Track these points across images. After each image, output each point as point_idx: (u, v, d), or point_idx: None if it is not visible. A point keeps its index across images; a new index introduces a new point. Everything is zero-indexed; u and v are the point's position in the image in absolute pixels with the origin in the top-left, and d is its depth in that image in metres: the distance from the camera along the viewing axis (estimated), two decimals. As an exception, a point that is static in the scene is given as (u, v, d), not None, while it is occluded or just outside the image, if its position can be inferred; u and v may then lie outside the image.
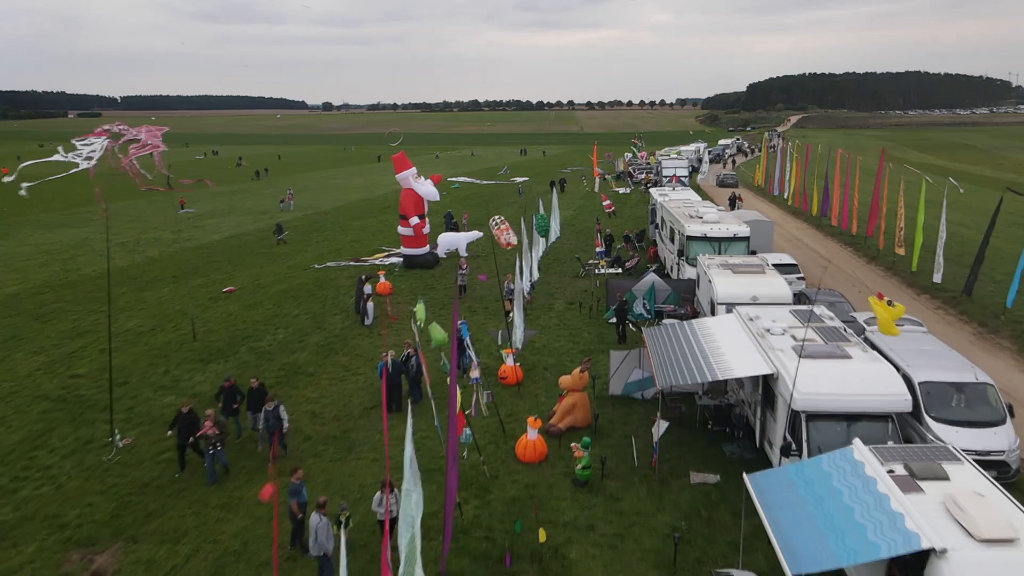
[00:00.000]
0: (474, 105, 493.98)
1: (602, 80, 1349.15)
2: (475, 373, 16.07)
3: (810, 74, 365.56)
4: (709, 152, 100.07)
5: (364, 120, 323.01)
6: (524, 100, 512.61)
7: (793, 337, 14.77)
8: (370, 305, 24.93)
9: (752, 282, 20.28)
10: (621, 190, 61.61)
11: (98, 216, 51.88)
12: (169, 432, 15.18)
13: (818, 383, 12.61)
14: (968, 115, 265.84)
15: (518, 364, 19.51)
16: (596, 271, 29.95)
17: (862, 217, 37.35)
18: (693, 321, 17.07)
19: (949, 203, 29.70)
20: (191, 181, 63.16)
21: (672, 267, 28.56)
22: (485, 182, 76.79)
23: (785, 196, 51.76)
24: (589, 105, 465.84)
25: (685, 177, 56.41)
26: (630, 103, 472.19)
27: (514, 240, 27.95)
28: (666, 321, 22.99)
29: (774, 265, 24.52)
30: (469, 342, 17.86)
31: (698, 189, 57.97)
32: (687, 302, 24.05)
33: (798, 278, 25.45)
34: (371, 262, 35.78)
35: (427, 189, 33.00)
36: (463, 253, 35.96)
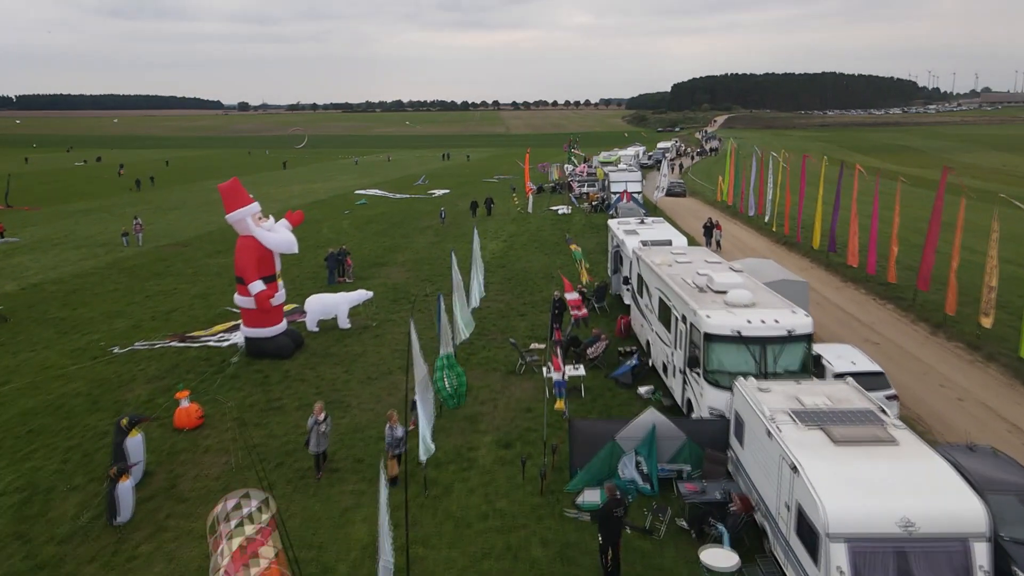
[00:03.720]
0: (398, 105, 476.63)
1: (527, 80, 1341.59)
2: None
3: (732, 74, 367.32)
4: (649, 157, 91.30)
5: (280, 121, 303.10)
6: (449, 100, 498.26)
7: None
8: (126, 487, 12.92)
9: (883, 470, 9.70)
10: (561, 209, 50.64)
11: None
12: None
13: None
14: (883, 115, 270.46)
15: None
16: (546, 370, 18.52)
17: (906, 264, 27.34)
18: None
19: (982, 230, 20.23)
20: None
21: (668, 365, 17.64)
22: (398, 196, 64.79)
23: (767, 219, 41.24)
24: (515, 105, 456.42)
25: (638, 193, 46.09)
26: (555, 103, 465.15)
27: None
28: None
29: (848, 374, 14.26)
30: None
31: (653, 207, 47.94)
32: (720, 467, 13.27)
33: (888, 396, 15.05)
34: (203, 341, 23.70)
35: (279, 238, 21.17)
36: (343, 323, 24.30)
